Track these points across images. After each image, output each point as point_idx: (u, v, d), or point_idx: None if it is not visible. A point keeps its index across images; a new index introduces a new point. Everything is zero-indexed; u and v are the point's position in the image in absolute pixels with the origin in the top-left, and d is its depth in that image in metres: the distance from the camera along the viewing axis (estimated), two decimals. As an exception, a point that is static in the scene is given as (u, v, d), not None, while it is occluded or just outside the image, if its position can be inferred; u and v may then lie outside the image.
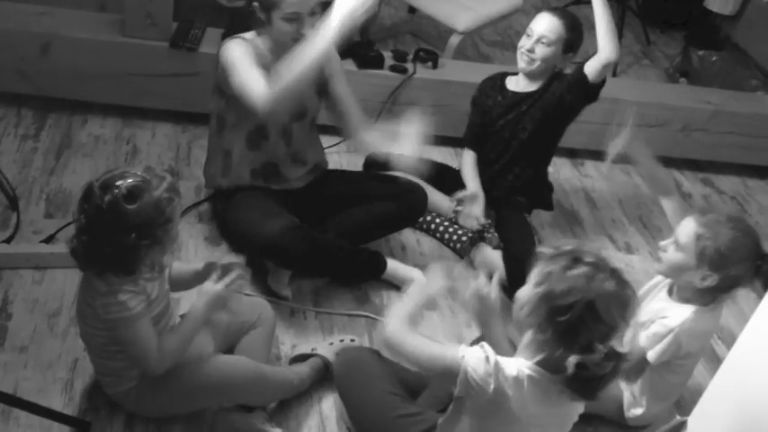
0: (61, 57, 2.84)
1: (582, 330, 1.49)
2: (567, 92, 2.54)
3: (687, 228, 1.96)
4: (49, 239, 2.35)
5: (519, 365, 1.54)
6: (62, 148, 2.78)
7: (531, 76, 2.62)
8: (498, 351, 1.60)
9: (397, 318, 1.67)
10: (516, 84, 2.67)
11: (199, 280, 1.91)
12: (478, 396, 1.53)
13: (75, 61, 2.86)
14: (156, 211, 1.66)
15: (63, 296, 2.20)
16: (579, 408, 1.63)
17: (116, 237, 1.64)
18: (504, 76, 2.73)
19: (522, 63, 2.59)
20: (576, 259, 1.52)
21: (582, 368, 1.48)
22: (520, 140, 2.66)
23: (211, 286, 1.84)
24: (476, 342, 1.94)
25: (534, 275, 1.56)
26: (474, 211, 2.64)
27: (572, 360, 1.48)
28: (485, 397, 1.52)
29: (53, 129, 2.86)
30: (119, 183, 1.64)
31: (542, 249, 1.59)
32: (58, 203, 2.53)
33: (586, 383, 1.51)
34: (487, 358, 1.54)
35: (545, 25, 2.53)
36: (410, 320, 1.68)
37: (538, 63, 2.56)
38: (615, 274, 1.53)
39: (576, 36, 2.55)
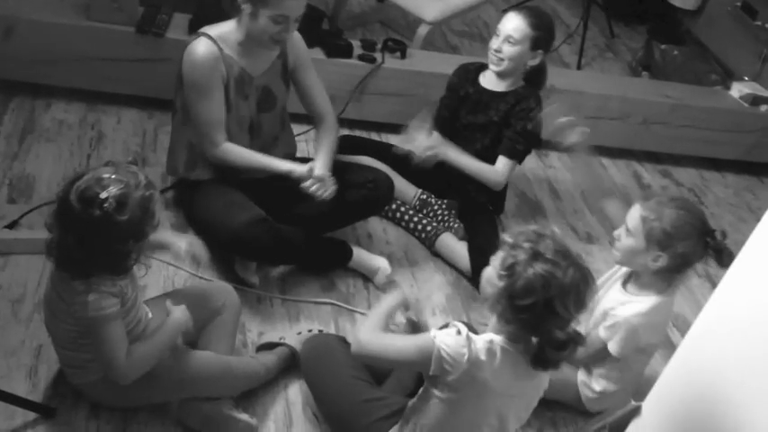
0: (24, 40, 2.79)
1: (541, 323, 1.58)
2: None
3: (634, 213, 2.04)
4: (12, 225, 2.32)
5: (491, 337, 1.63)
6: (25, 133, 2.74)
7: (500, 75, 2.64)
8: None
9: (366, 327, 1.73)
10: (489, 80, 2.69)
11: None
12: (454, 369, 1.60)
13: (38, 45, 2.81)
14: (143, 212, 1.65)
15: (26, 282, 2.18)
16: (545, 379, 1.72)
17: (114, 246, 1.65)
18: (480, 68, 2.73)
19: (491, 64, 2.62)
20: (536, 254, 1.57)
21: (542, 352, 1.59)
22: (482, 144, 2.70)
23: (180, 314, 1.87)
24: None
25: (497, 262, 1.62)
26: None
27: (534, 343, 1.60)
28: (460, 369, 1.59)
29: (16, 113, 2.82)
30: (103, 195, 1.60)
31: (505, 236, 1.64)
32: (21, 189, 2.50)
33: (548, 362, 1.61)
34: (459, 332, 1.61)
35: (510, 25, 2.55)
36: (381, 328, 1.74)
37: (506, 63, 2.58)
38: (574, 263, 1.58)
39: (542, 34, 2.56)
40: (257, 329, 2.25)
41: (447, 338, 1.61)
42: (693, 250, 2.01)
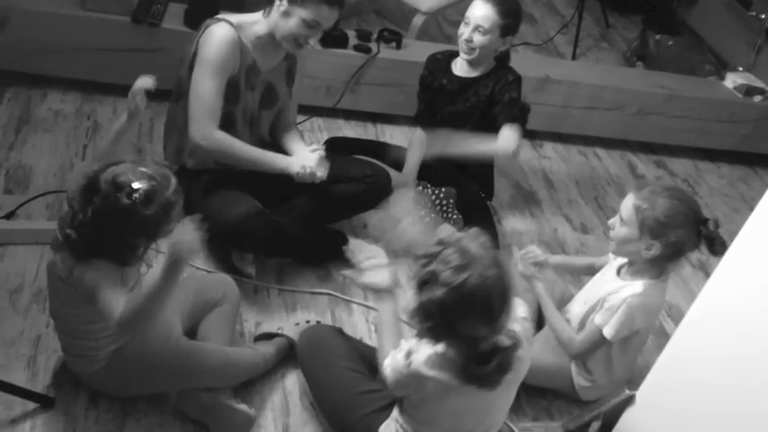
0: (20, 30, 2.78)
1: (457, 339, 1.56)
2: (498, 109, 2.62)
3: (627, 202, 2.06)
4: (10, 215, 2.33)
5: (435, 349, 1.60)
6: (21, 123, 2.74)
7: (472, 63, 2.64)
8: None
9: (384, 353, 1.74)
10: (461, 68, 2.69)
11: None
12: (406, 390, 1.66)
13: (34, 35, 2.81)
14: (164, 214, 1.66)
15: (24, 272, 2.19)
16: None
17: (125, 237, 1.66)
18: (450, 56, 2.72)
19: (462, 53, 2.61)
20: (432, 276, 1.52)
21: (468, 367, 1.56)
22: (466, 130, 2.70)
23: (183, 234, 1.58)
24: None
25: (410, 280, 1.60)
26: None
27: (461, 358, 1.56)
28: (408, 388, 1.64)
29: (12, 103, 2.82)
30: (136, 186, 1.62)
31: (418, 248, 1.62)
32: (17, 179, 2.50)
33: (477, 377, 1.58)
34: (400, 351, 1.63)
35: (479, 14, 2.53)
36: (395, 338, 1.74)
37: (477, 52, 2.57)
38: (476, 273, 1.49)
39: (511, 21, 2.56)
40: (254, 320, 2.26)
41: (392, 362, 1.65)
42: (686, 239, 2.03)
